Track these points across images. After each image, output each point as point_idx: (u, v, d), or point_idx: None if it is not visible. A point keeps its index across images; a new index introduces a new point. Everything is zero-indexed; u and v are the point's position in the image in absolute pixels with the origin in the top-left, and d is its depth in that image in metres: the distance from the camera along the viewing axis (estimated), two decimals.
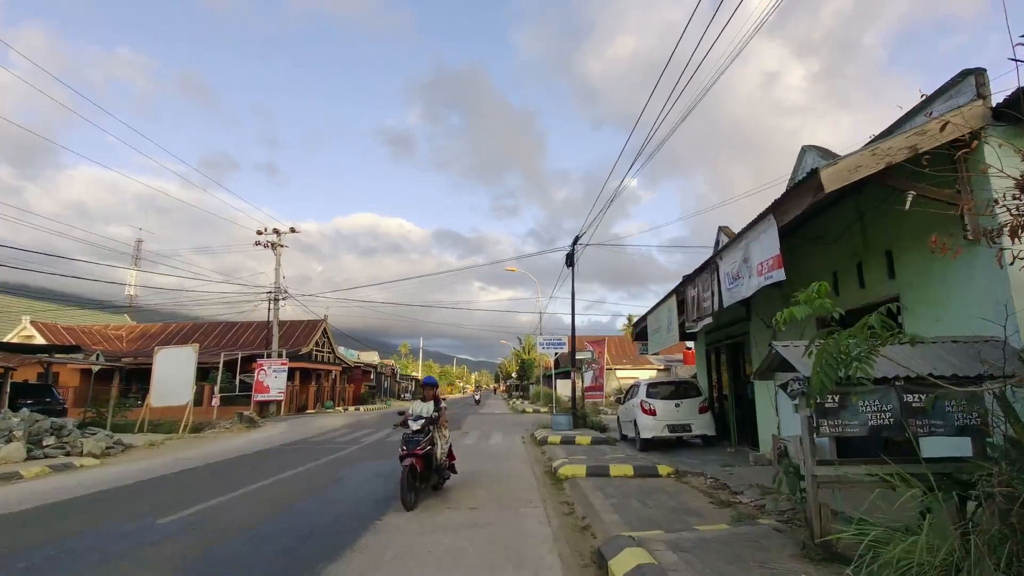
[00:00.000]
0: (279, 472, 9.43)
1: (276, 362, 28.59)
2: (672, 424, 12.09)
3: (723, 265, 8.30)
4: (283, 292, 29.64)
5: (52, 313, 41.33)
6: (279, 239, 29.64)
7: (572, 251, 18.64)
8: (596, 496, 7.23)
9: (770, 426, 10.04)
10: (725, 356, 13.09)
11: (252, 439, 15.86)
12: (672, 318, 11.53)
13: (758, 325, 10.41)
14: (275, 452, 12.73)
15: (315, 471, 9.70)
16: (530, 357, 75.09)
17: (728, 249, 8.03)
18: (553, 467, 9.61)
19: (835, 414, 4.22)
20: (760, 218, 6.67)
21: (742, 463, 9.60)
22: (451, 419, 23.89)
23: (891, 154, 4.95)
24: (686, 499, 6.98)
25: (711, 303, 8.94)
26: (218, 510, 6.58)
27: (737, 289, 7.73)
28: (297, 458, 11.46)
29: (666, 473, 8.82)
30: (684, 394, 12.60)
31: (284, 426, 20.51)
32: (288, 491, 7.84)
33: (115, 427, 19.12)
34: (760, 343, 10.43)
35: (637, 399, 12.86)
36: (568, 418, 16.96)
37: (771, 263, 6.45)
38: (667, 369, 45.41)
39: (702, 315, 9.48)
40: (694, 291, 9.90)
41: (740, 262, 7.54)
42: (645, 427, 12.20)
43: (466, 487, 8.10)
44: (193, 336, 39.25)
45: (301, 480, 8.78)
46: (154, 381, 19.51)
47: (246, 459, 11.57)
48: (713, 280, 8.83)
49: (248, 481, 8.54)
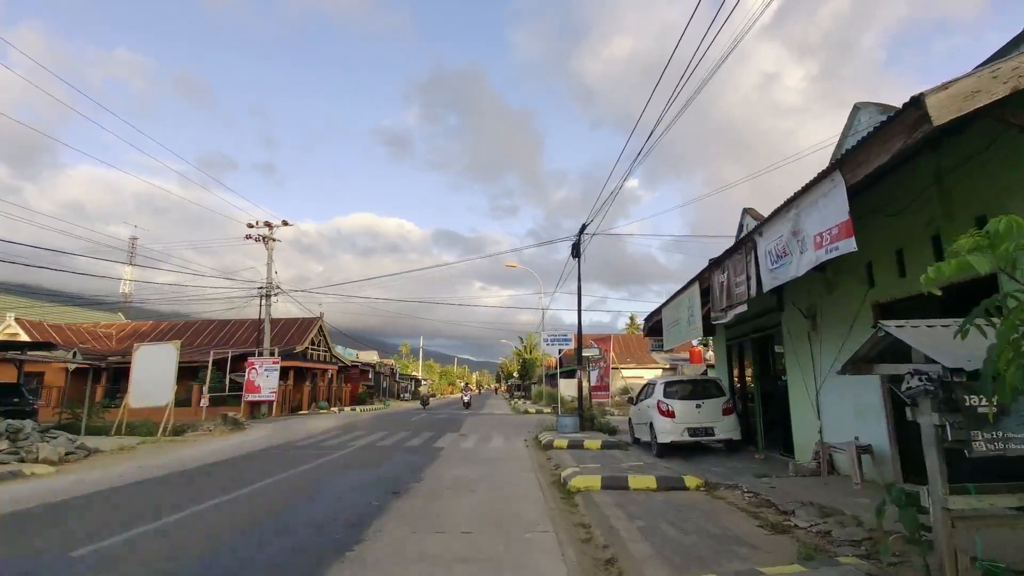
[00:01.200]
0: (246, 484, 8.22)
1: (268, 361, 27.41)
2: (693, 427, 10.86)
3: (763, 243, 7.07)
4: (275, 288, 28.44)
5: (42, 311, 40.24)
6: (271, 232, 28.46)
7: (579, 240, 17.42)
8: (617, 516, 6.01)
9: (809, 430, 8.82)
10: (751, 351, 11.86)
11: (233, 443, 14.67)
12: (695, 309, 10.30)
13: (793, 315, 9.18)
14: (252, 458, 11.53)
15: (288, 482, 8.49)
16: (531, 356, 73.86)
17: (771, 223, 6.80)
18: (562, 477, 8.40)
19: (996, 424, 2.93)
20: (820, 178, 5.44)
21: (779, 473, 8.38)
22: (448, 421, 22.72)
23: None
24: (727, 521, 5.75)
25: (746, 288, 7.71)
26: (147, 539, 5.35)
27: (783, 269, 6.50)
28: (273, 466, 10.25)
29: (695, 486, 7.60)
30: (706, 394, 11.38)
31: (271, 428, 19.31)
32: (247, 510, 6.62)
33: (91, 429, 17.95)
34: (797, 335, 9.19)
35: (653, 399, 11.64)
36: (575, 420, 15.74)
37: (836, 232, 5.21)
38: (673, 368, 44.11)
39: (734, 303, 8.25)
40: (723, 276, 8.67)
41: (788, 236, 6.31)
42: (662, 430, 10.98)
43: (461, 501, 6.89)
44: (185, 334, 38.08)
45: (267, 494, 7.57)
46: (133, 380, 18.33)
47: (216, 467, 10.37)
48: (749, 261, 7.61)
49: (204, 496, 7.33)
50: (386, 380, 57.88)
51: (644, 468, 8.96)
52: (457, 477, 8.85)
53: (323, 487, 7.98)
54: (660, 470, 8.71)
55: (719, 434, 10.86)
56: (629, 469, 8.75)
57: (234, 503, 6.93)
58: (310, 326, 37.74)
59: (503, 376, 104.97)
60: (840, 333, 7.81)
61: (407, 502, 6.90)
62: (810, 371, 8.74)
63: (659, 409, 11.20)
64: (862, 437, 7.26)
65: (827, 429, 8.28)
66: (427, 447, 13.30)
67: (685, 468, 9.37)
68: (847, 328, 7.64)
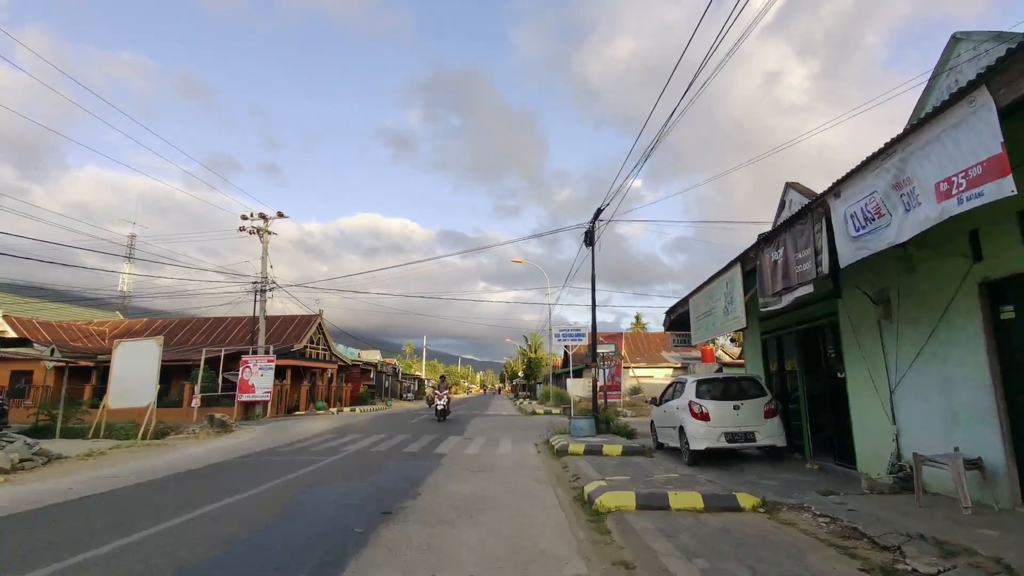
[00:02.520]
0: (209, 501, 6.89)
1: (262, 359, 26.13)
2: (731, 432, 9.47)
3: (840, 206, 5.69)
4: (271, 283, 27.16)
5: (41, 309, 39.18)
6: (266, 225, 27.17)
7: (593, 227, 16.04)
8: (668, 552, 4.64)
9: (879, 436, 7.42)
10: (794, 345, 10.45)
11: (215, 448, 13.35)
12: (735, 295, 8.91)
13: (857, 300, 7.78)
14: (230, 467, 10.21)
15: (261, 499, 7.16)
16: (537, 356, 72.52)
17: (855, 179, 5.41)
18: (586, 493, 7.03)
19: None
20: (951, 103, 4.05)
21: (847, 489, 6.98)
22: (452, 422, 21.32)
23: None
24: (817, 561, 4.37)
25: (812, 265, 6.32)
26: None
27: (875, 235, 5.12)
28: (252, 476, 8.94)
29: (751, 506, 6.22)
30: (744, 394, 9.98)
31: (261, 431, 18.01)
32: (196, 541, 5.28)
33: (68, 432, 16.72)
34: (861, 324, 7.79)
35: (683, 400, 10.25)
36: (589, 422, 14.36)
37: (979, 172, 3.82)
38: (684, 367, 42.59)
39: (793, 284, 6.86)
40: (777, 254, 7.28)
41: (885, 191, 4.92)
42: (696, 435, 9.59)
43: (466, 528, 5.54)
44: (180, 332, 36.92)
45: (231, 516, 6.23)
46: (113, 380, 17.05)
47: (185, 478, 9.05)
48: (817, 231, 6.22)
49: (150, 519, 6.00)
50: (388, 380, 56.59)
51: (682, 482, 7.59)
52: (461, 492, 7.50)
53: (300, 506, 6.63)
54: (702, 484, 7.33)
55: (761, 440, 9.46)
56: (666, 484, 7.37)
57: (184, 530, 5.59)
58: (309, 324, 36.48)
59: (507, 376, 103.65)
60: (928, 320, 6.41)
61: (398, 529, 5.55)
62: (880, 366, 7.35)
63: (691, 411, 9.81)
64: (961, 446, 5.86)
65: (907, 436, 6.89)
66: (427, 453, 11.96)
67: (728, 480, 7.99)
68: (938, 314, 6.24)
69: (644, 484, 7.34)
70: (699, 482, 7.54)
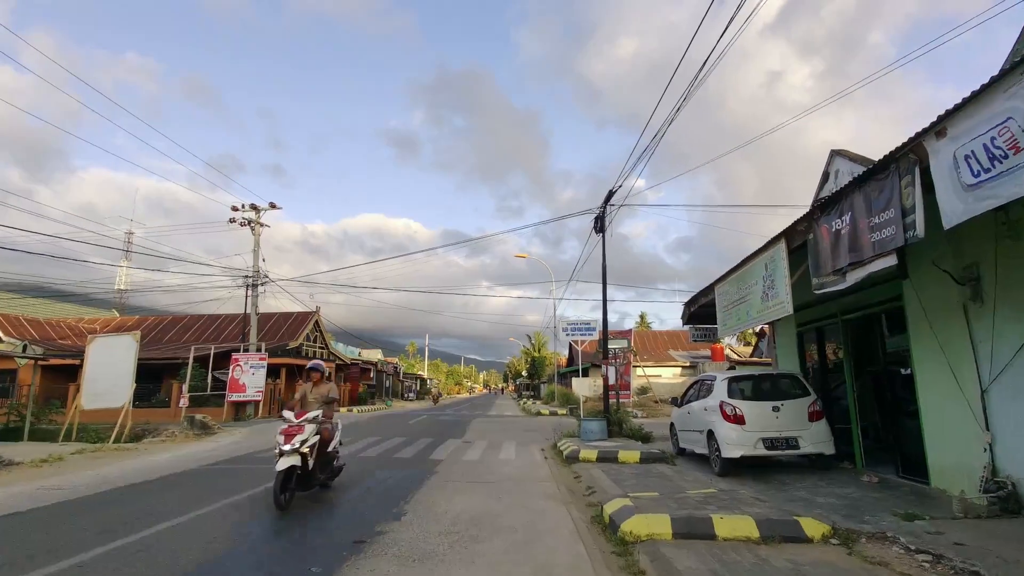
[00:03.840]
0: (146, 525, 5.63)
1: (254, 357, 24.91)
2: (771, 437, 8.16)
3: (946, 146, 4.35)
4: (264, 277, 25.93)
5: (34, 307, 38.16)
6: (258, 216, 25.94)
7: (603, 212, 14.73)
8: None
9: (962, 444, 6.09)
10: (841, 337, 9.11)
11: (188, 453, 12.10)
12: (778, 277, 7.59)
13: (932, 280, 6.45)
14: (192, 477, 8.95)
15: (209, 522, 5.88)
16: (541, 355, 71.19)
17: (975, 106, 4.08)
18: (607, 514, 5.74)
19: None
20: None
21: (930, 509, 5.66)
22: (452, 424, 20.06)
23: None
24: None
25: (898, 229, 4.99)
26: None
27: (1007, 179, 3.80)
28: (211, 489, 7.68)
29: (820, 535, 4.90)
30: (784, 393, 8.67)
31: (245, 433, 16.74)
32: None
33: (39, 434, 15.49)
34: (938, 309, 6.46)
35: (713, 400, 8.94)
36: (601, 424, 13.07)
37: None
38: (694, 366, 41.17)
39: (865, 257, 5.53)
40: (840, 222, 5.95)
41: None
42: (729, 441, 8.28)
43: (458, 567, 4.25)
44: (173, 329, 35.79)
45: (157, 549, 4.95)
46: (86, 379, 15.80)
47: (134, 491, 7.79)
48: (907, 186, 4.89)
49: (47, 556, 4.73)
50: (389, 379, 55.34)
51: (722, 500, 6.27)
52: (455, 511, 6.21)
53: (252, 534, 5.34)
54: (749, 504, 6.02)
55: (806, 447, 8.14)
56: (705, 504, 6.04)
57: (101, 563, 4.32)
58: (305, 321, 35.31)
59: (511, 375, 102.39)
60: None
61: (369, 568, 4.26)
62: (967, 359, 6.03)
63: (723, 413, 8.50)
64: None
65: (1004, 445, 5.57)
66: (422, 459, 10.67)
67: (775, 496, 6.68)
68: None
69: (677, 503, 6.03)
70: (743, 500, 6.23)
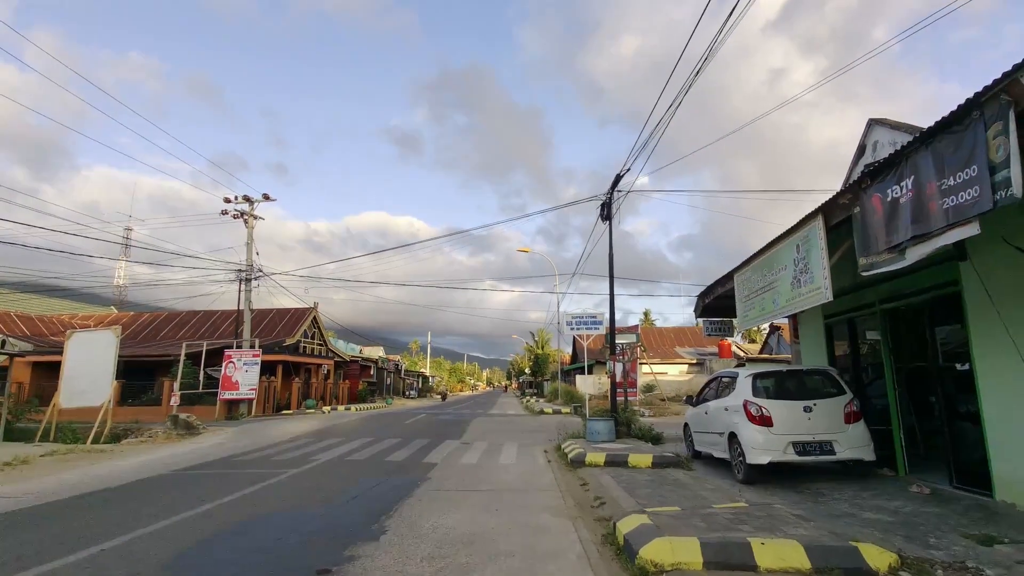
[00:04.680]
0: (79, 547, 4.79)
1: (247, 353, 24.10)
2: (803, 441, 7.24)
3: None
4: (257, 271, 25.10)
5: (37, 305, 37.56)
6: (251, 209, 25.10)
7: (610, 198, 13.80)
8: None
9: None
10: (881, 330, 8.16)
11: (165, 455, 11.27)
12: (813, 259, 6.66)
13: (997, 261, 5.52)
14: (157, 485, 8.10)
15: (145, 544, 5.01)
16: (544, 352, 70.30)
17: None
18: (621, 534, 4.84)
19: None
20: None
21: (1004, 528, 4.76)
22: (452, 423, 19.15)
23: None
24: None
25: (984, 189, 4.06)
26: None
27: None
28: (174, 501, 6.83)
29: (886, 567, 3.99)
30: (816, 391, 7.75)
31: (232, 433, 15.90)
32: None
33: (16, 433, 14.69)
34: (1010, 294, 5.53)
35: (735, 398, 8.04)
36: (608, 424, 12.16)
37: None
38: (700, 363, 40.24)
39: (934, 228, 4.59)
40: (899, 188, 5.02)
41: None
42: (755, 445, 7.37)
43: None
44: (168, 325, 35.06)
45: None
46: (65, 376, 15.02)
47: (90, 501, 6.96)
48: (996, 135, 3.96)
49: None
50: (390, 377, 54.57)
51: (756, 516, 5.36)
52: (443, 529, 5.33)
53: (192, 565, 4.46)
54: (788, 522, 5.11)
55: (843, 452, 7.21)
56: (738, 522, 5.13)
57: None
58: (303, 317, 34.51)
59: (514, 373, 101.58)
60: None
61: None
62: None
63: (747, 413, 7.59)
64: None
65: None
66: (414, 463, 9.80)
67: (815, 510, 5.78)
68: None
69: (704, 521, 5.13)
70: (781, 517, 5.32)
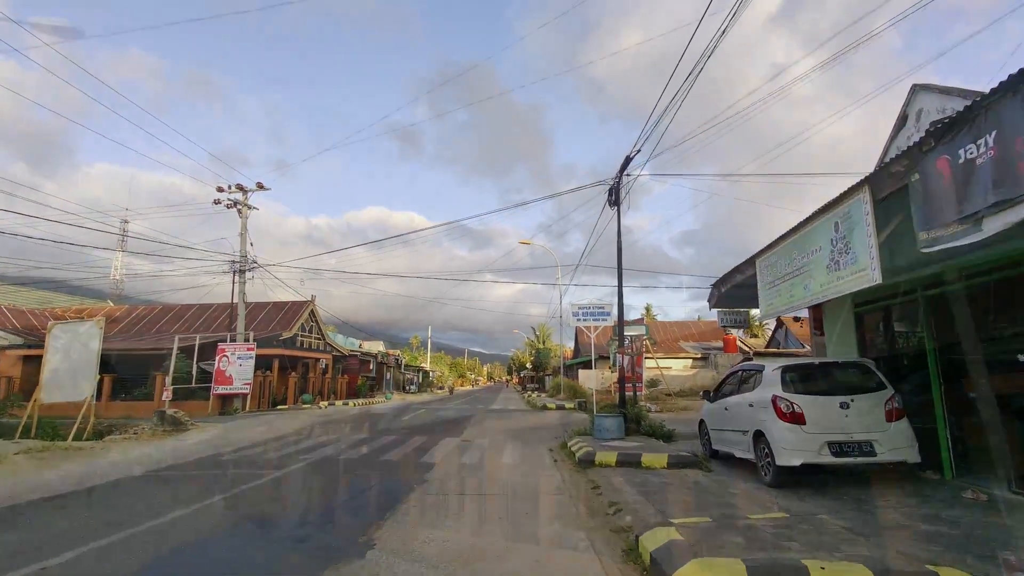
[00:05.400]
0: (16, 566, 4.07)
1: (241, 347, 23.42)
2: (839, 441, 6.52)
3: None
4: (251, 262, 24.38)
5: (32, 301, 36.91)
6: (245, 198, 24.35)
7: (618, 182, 13.05)
8: None
9: None
10: (924, 318, 7.42)
11: (143, 454, 10.58)
12: (855, 238, 5.91)
13: None
14: (127, 488, 7.42)
15: (91, 563, 4.30)
16: (545, 347, 69.66)
17: None
18: (645, 552, 4.14)
19: None
20: None
21: None
22: (452, 420, 18.44)
23: None
24: None
25: None
26: None
27: None
28: (138, 507, 6.14)
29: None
30: (853, 386, 7.02)
31: (221, 430, 15.22)
32: None
33: None
34: None
35: (762, 393, 7.31)
36: (617, 420, 11.47)
37: None
38: (705, 357, 39.53)
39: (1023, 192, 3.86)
40: (977, 147, 4.27)
41: None
42: (785, 445, 6.65)
43: None
44: (163, 319, 34.41)
45: None
46: (46, 370, 14.32)
47: (47, 507, 6.28)
48: None
49: None
50: (390, 371, 53.91)
51: (798, 527, 4.64)
52: (438, 544, 4.61)
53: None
54: (837, 534, 4.39)
55: (884, 453, 6.48)
56: (779, 537, 4.41)
57: None
58: (300, 310, 33.83)
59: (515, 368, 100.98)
60: None
61: None
62: None
63: (776, 410, 6.86)
64: None
65: None
66: (410, 463, 9.09)
67: (862, 521, 5.05)
68: None
69: (742, 536, 4.41)
70: (828, 530, 4.61)
